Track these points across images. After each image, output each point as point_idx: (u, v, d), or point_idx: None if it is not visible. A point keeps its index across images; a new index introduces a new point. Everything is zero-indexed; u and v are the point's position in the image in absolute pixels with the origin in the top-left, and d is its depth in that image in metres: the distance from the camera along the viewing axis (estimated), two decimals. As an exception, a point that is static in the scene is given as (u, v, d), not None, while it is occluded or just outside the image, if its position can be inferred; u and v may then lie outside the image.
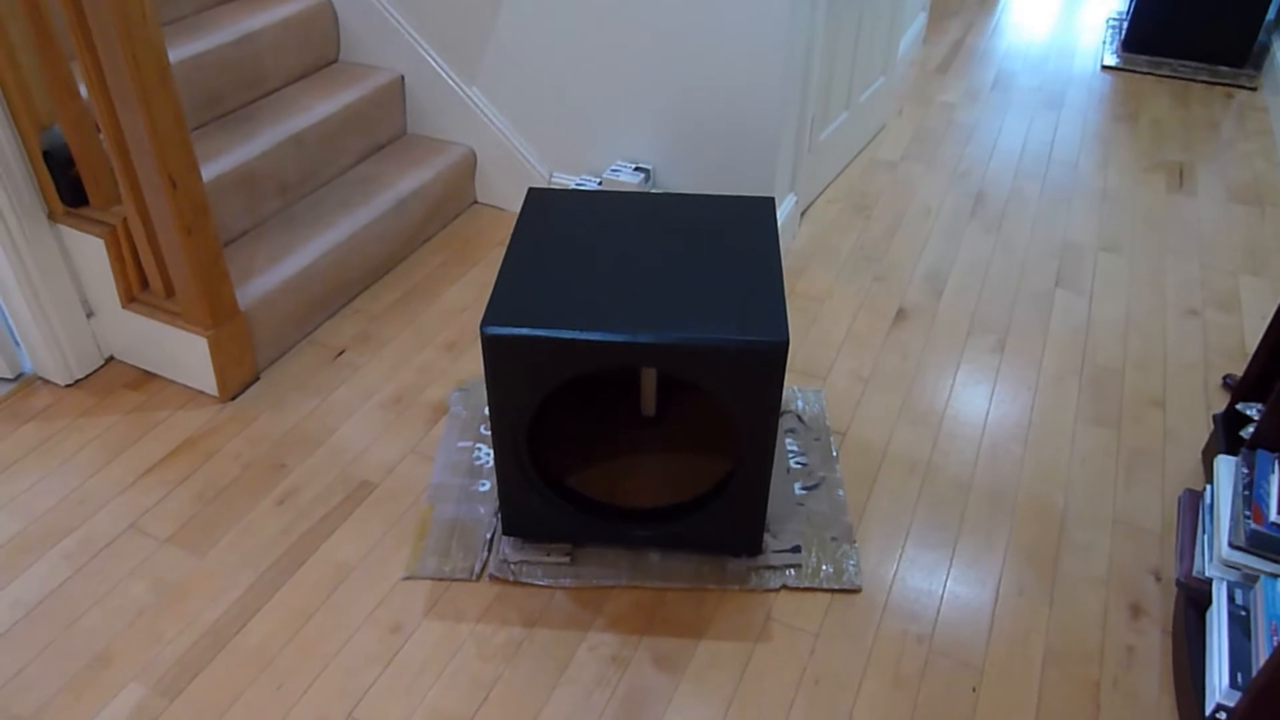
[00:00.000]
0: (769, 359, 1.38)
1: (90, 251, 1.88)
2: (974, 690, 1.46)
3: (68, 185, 1.82)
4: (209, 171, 2.07)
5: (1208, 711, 1.32)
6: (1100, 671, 1.49)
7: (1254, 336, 2.21)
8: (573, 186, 2.48)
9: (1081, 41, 3.88)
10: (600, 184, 2.44)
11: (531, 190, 1.72)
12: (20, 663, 1.48)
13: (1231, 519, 1.49)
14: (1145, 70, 3.59)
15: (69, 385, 2.00)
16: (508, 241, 1.58)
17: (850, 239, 2.54)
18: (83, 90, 1.87)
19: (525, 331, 1.38)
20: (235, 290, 1.98)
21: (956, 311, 2.27)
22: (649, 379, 1.75)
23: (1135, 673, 1.49)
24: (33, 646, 1.50)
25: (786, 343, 1.36)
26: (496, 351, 1.40)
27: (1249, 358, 2.06)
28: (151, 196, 1.71)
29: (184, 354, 1.93)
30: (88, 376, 2.02)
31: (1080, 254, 2.50)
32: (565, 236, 1.59)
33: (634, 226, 1.62)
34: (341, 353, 2.12)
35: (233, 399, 1.98)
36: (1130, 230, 2.60)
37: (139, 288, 1.93)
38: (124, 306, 1.93)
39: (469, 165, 2.58)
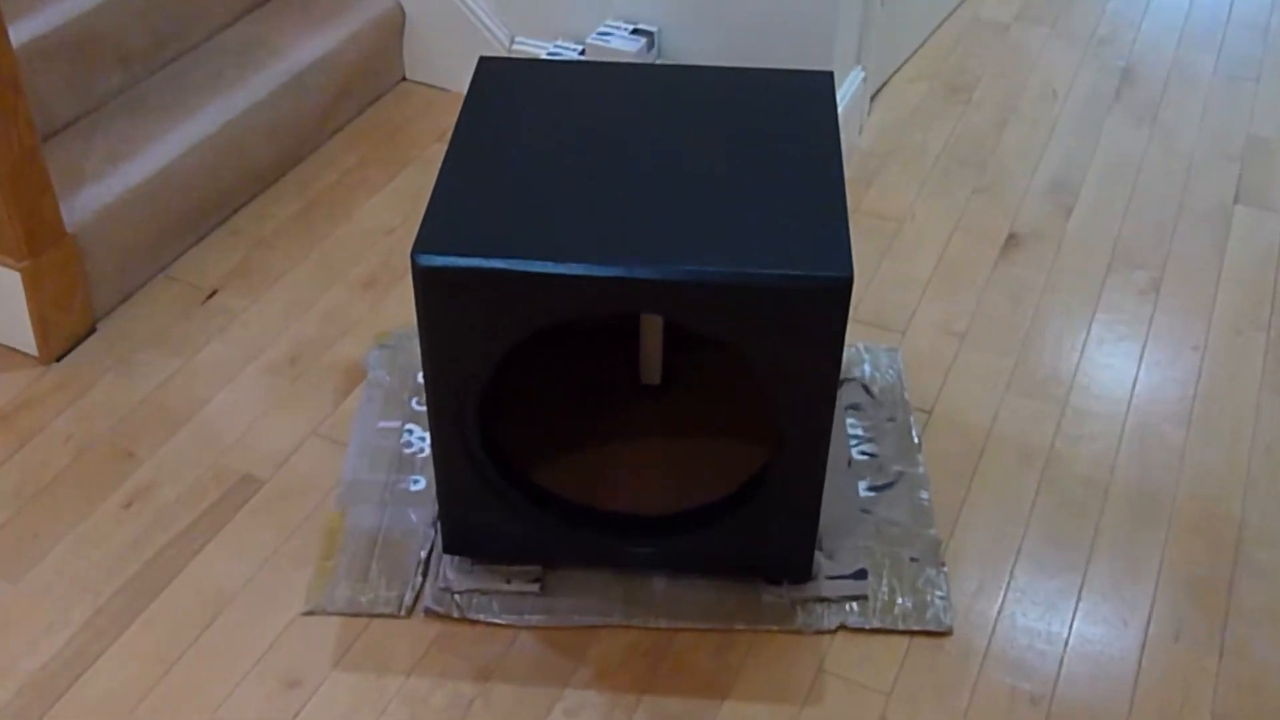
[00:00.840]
0: (825, 303, 1.37)
1: None
2: (1110, 772, 1.47)
3: None
4: (19, 34, 2.04)
5: None
6: (1288, 747, 1.50)
7: None
8: (544, 57, 2.45)
9: None
10: (583, 53, 2.41)
11: (484, 61, 1.70)
12: None
13: None
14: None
15: None
16: (450, 134, 1.56)
17: (941, 133, 2.52)
18: None
19: (476, 263, 1.37)
20: (61, 205, 1.96)
21: (1093, 237, 2.26)
22: (652, 333, 1.75)
23: (1337, 748, 1.50)
24: None
25: (850, 280, 1.36)
26: (435, 291, 1.39)
27: None
28: (-62, 67, 1.70)
29: (-11, 295, 1.93)
30: None
31: (1272, 155, 2.48)
32: (532, 127, 1.57)
33: (631, 114, 1.60)
34: (213, 294, 2.12)
35: (59, 359, 1.98)
36: (1342, 122, 2.59)
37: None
38: (-99, 226, 1.92)
39: (395, 26, 2.56)
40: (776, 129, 1.58)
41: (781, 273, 1.36)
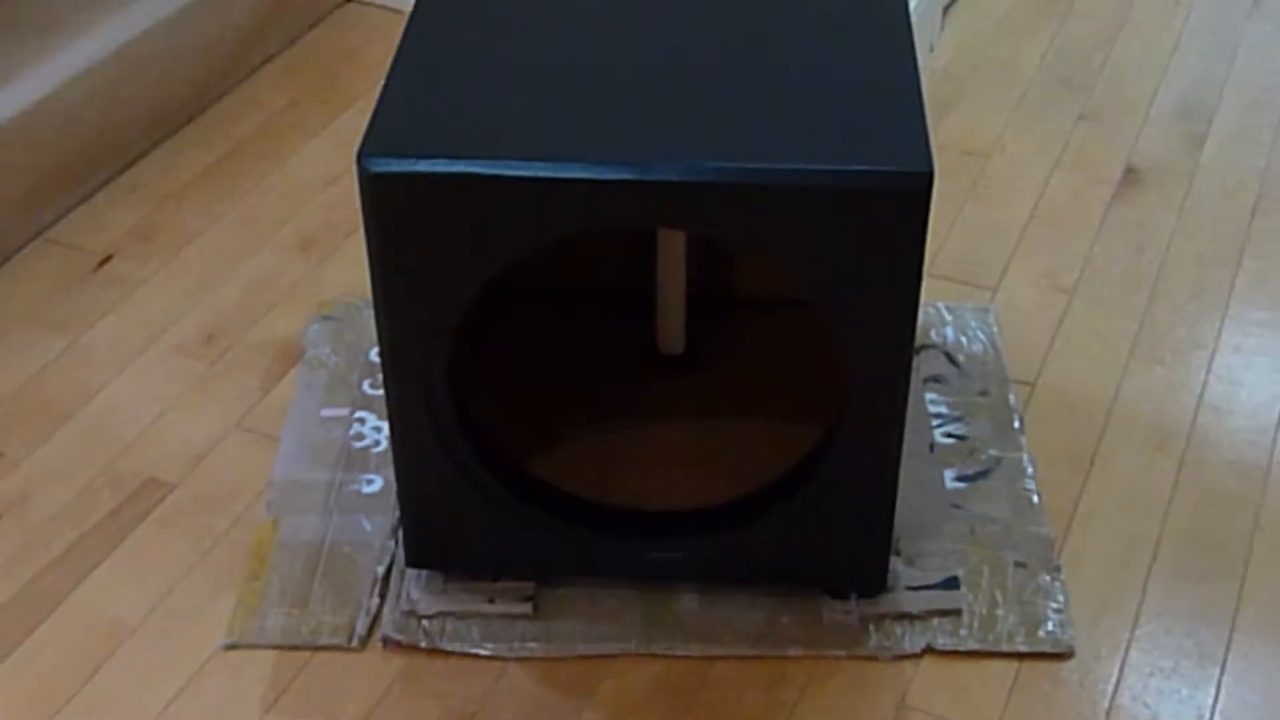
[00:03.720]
0: (900, 208, 1.32)
1: None
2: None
3: None
4: None
5: None
6: None
7: None
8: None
9: None
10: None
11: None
12: None
13: None
14: None
15: None
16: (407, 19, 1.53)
17: (1035, 46, 2.50)
18: None
19: (442, 167, 1.32)
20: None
21: (1232, 171, 2.23)
22: (673, 291, 1.70)
23: None
24: None
25: (930, 176, 1.31)
26: (390, 206, 1.35)
27: None
28: None
29: None
30: None
31: None
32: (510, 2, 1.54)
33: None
34: (108, 260, 2.09)
35: (-90, 342, 1.95)
36: None
37: None
38: None
39: (335, -72, 2.54)
40: (827, 7, 1.54)
41: (842, 168, 1.31)
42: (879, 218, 1.33)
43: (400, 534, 1.64)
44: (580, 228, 1.35)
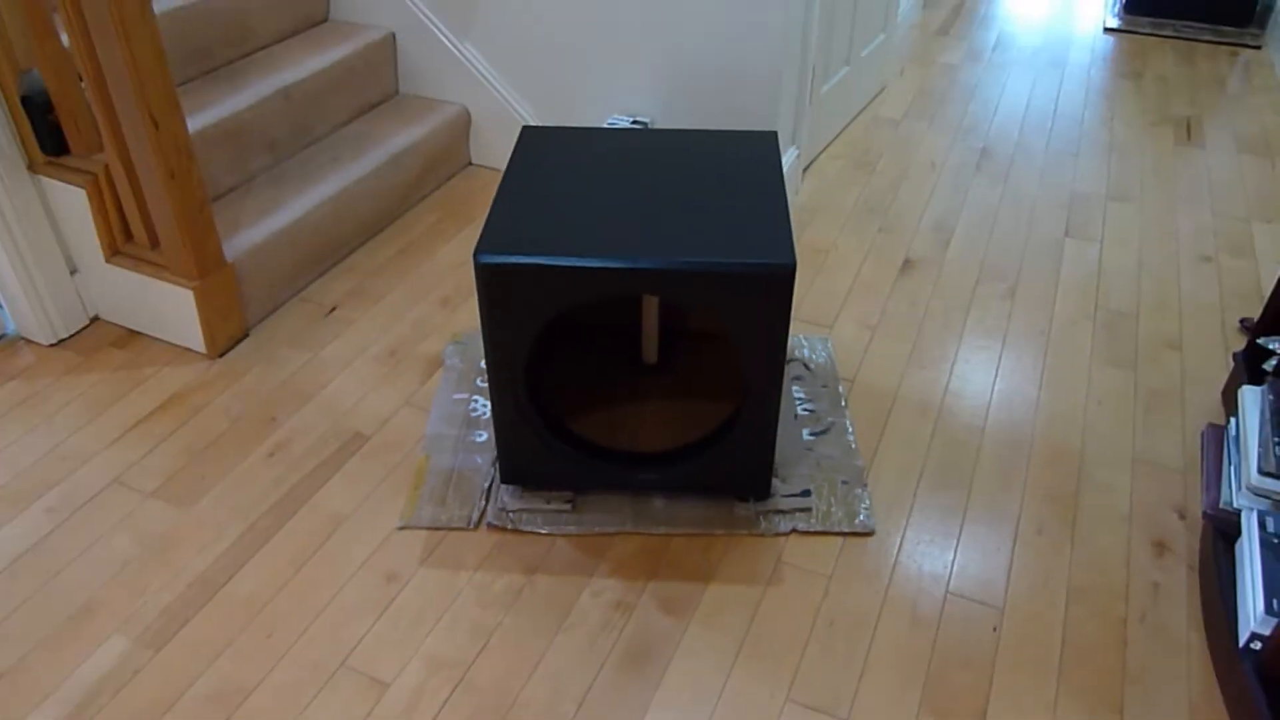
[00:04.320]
0: (776, 283, 1.31)
1: (72, 203, 1.81)
2: (995, 630, 1.39)
3: (47, 132, 1.75)
4: (195, 124, 2.00)
5: (1241, 641, 1.25)
6: (1126, 608, 1.42)
7: (1270, 281, 2.14)
8: (569, 142, 2.41)
9: (1082, 4, 3.80)
10: (597, 138, 2.36)
11: (526, 129, 1.65)
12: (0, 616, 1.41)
13: (1260, 447, 1.42)
14: (1148, 31, 3.52)
15: (53, 345, 1.93)
16: (502, 176, 1.51)
17: (854, 193, 2.47)
18: (62, 34, 1.79)
19: (521, 259, 1.31)
20: (223, 243, 1.91)
21: (965, 260, 2.20)
22: (651, 322, 1.68)
23: (1162, 608, 1.42)
24: (12, 600, 1.43)
25: (793, 265, 1.29)
26: (492, 281, 1.33)
27: (1265, 299, 1.99)
28: (133, 138, 1.64)
29: (170, 308, 1.86)
30: (72, 336, 1.95)
31: (1089, 204, 2.43)
32: (562, 169, 1.52)
33: (633, 159, 1.55)
34: (334, 309, 2.05)
35: (221, 355, 1.91)
36: (1139, 181, 2.53)
37: (123, 239, 1.86)
38: (108, 260, 1.86)
39: (463, 123, 2.51)
40: (738, 167, 1.52)
41: (744, 261, 1.30)
42: (767, 288, 1.32)
43: (497, 464, 1.62)
44: (596, 294, 1.33)
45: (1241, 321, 2.00)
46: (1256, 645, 1.23)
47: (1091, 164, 2.61)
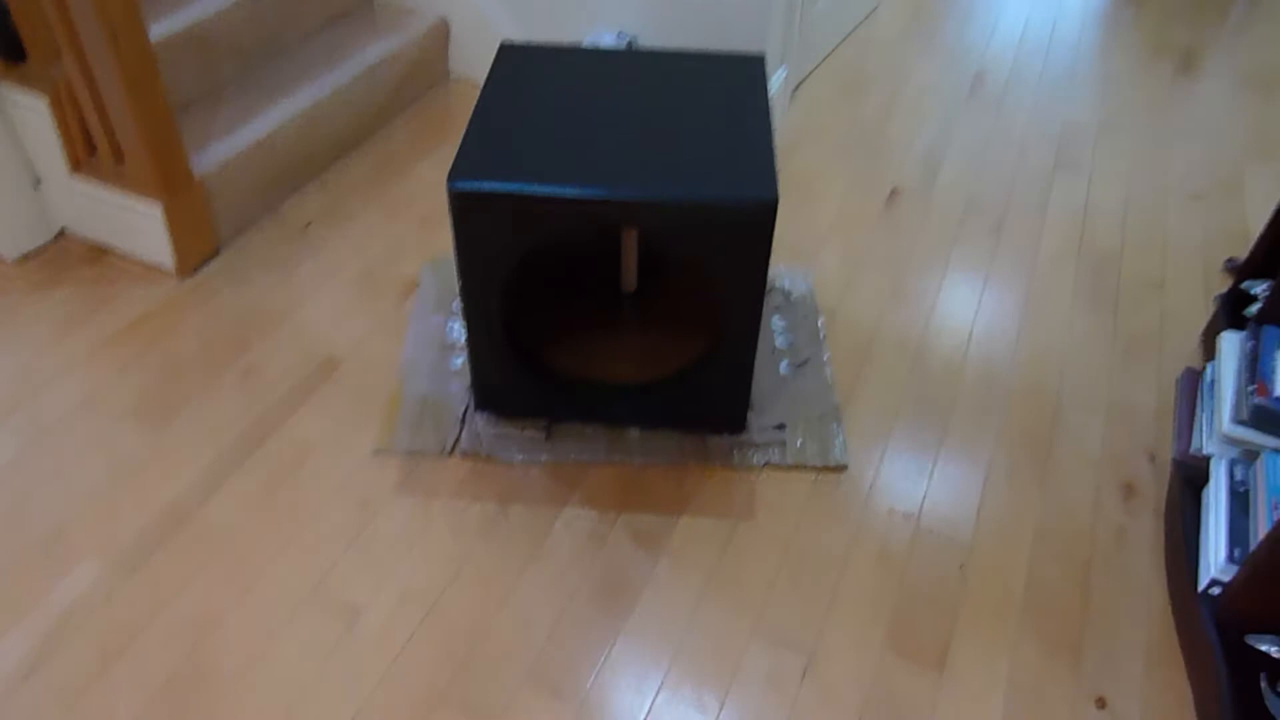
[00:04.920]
0: (757, 219, 1.28)
1: (33, 113, 1.74)
2: (961, 568, 1.41)
3: (3, 38, 1.67)
4: (157, 31, 1.92)
5: (1200, 587, 1.28)
6: (1091, 551, 1.44)
7: (1259, 222, 2.13)
8: (552, 57, 2.33)
9: (1088, -79, 3.68)
10: (581, 54, 2.29)
11: (504, 46, 1.59)
12: (-32, 537, 1.41)
13: (1235, 395, 1.43)
14: (1154, -48, 3.41)
15: (17, 260, 1.88)
16: (478, 97, 1.46)
17: (842, 119, 2.41)
18: (14, -69, 1.70)
19: (496, 186, 1.28)
20: (191, 158, 1.85)
21: (952, 192, 2.17)
22: (630, 250, 1.66)
23: (1126, 552, 1.44)
24: (-19, 521, 1.43)
25: (775, 201, 1.27)
26: (465, 209, 1.30)
27: (1253, 241, 1.98)
28: (91, 46, 1.57)
29: (138, 225, 1.82)
30: (38, 250, 1.91)
31: (1081, 135, 2.38)
32: (540, 91, 1.47)
33: (615, 83, 1.50)
34: (307, 226, 2.01)
35: (192, 274, 1.88)
36: (1133, 113, 2.49)
37: (86, 152, 1.80)
38: (72, 173, 1.80)
39: (441, 34, 2.42)
40: (723, 94, 1.48)
41: (725, 195, 1.27)
42: (747, 224, 1.29)
43: (471, 391, 1.60)
44: (573, 226, 1.31)
45: (1227, 262, 2.00)
46: (1215, 591, 1.26)
47: (1086, 93, 2.56)
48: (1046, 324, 1.83)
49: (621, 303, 1.72)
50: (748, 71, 1.54)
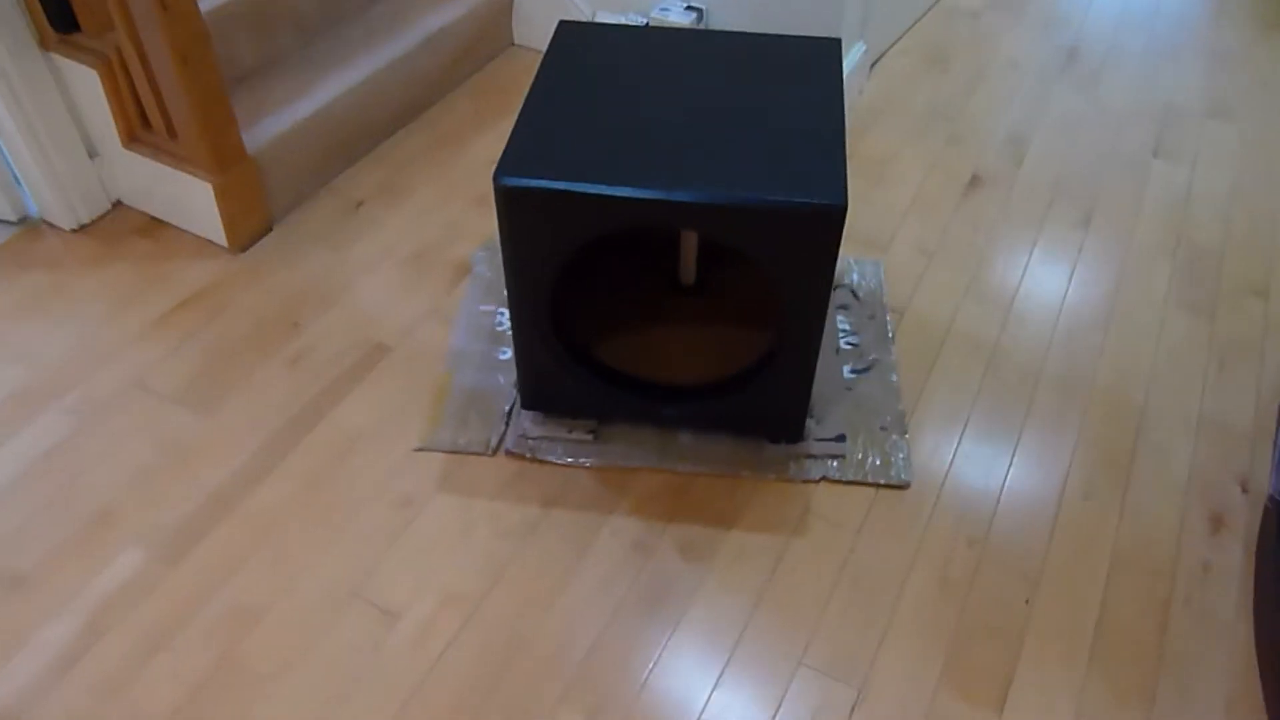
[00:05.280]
0: (824, 225, 1.20)
1: (87, 84, 1.73)
2: (1027, 603, 1.33)
3: (56, 8, 1.65)
4: (210, 1, 1.88)
5: (1295, 640, 1.18)
6: (1171, 588, 1.35)
7: (1378, 219, 1.95)
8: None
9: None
10: (647, 24, 2.19)
11: (563, 24, 1.51)
12: (19, 519, 1.42)
13: (1344, 428, 1.31)
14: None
15: (75, 230, 1.88)
16: (532, 81, 1.39)
17: (923, 95, 2.28)
18: (70, -102, 1.67)
19: (546, 184, 1.21)
20: (245, 133, 1.82)
21: (1039, 179, 2.04)
22: (689, 242, 1.58)
23: (1210, 591, 1.34)
24: (32, 503, 1.44)
25: (845, 207, 1.18)
26: (513, 206, 1.24)
27: (1373, 243, 1.82)
28: (142, 18, 1.54)
29: (191, 200, 1.80)
30: (95, 221, 1.91)
31: (1184, 119, 2.22)
32: (598, 77, 1.39)
33: (678, 68, 1.41)
34: (361, 204, 1.97)
35: (244, 250, 1.86)
36: (1245, 95, 2.30)
37: (140, 125, 1.78)
38: (125, 146, 1.79)
39: (505, 3, 2.34)
40: (794, 84, 1.38)
41: (791, 199, 1.18)
42: (812, 230, 1.21)
43: (518, 388, 1.56)
44: (624, 226, 1.23)
45: (1339, 266, 1.84)
46: (1311, 646, 1.16)
47: (1192, 72, 2.37)
48: (1136, 329, 1.71)
49: (678, 297, 1.64)
50: (822, 57, 1.44)
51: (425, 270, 1.83)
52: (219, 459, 1.50)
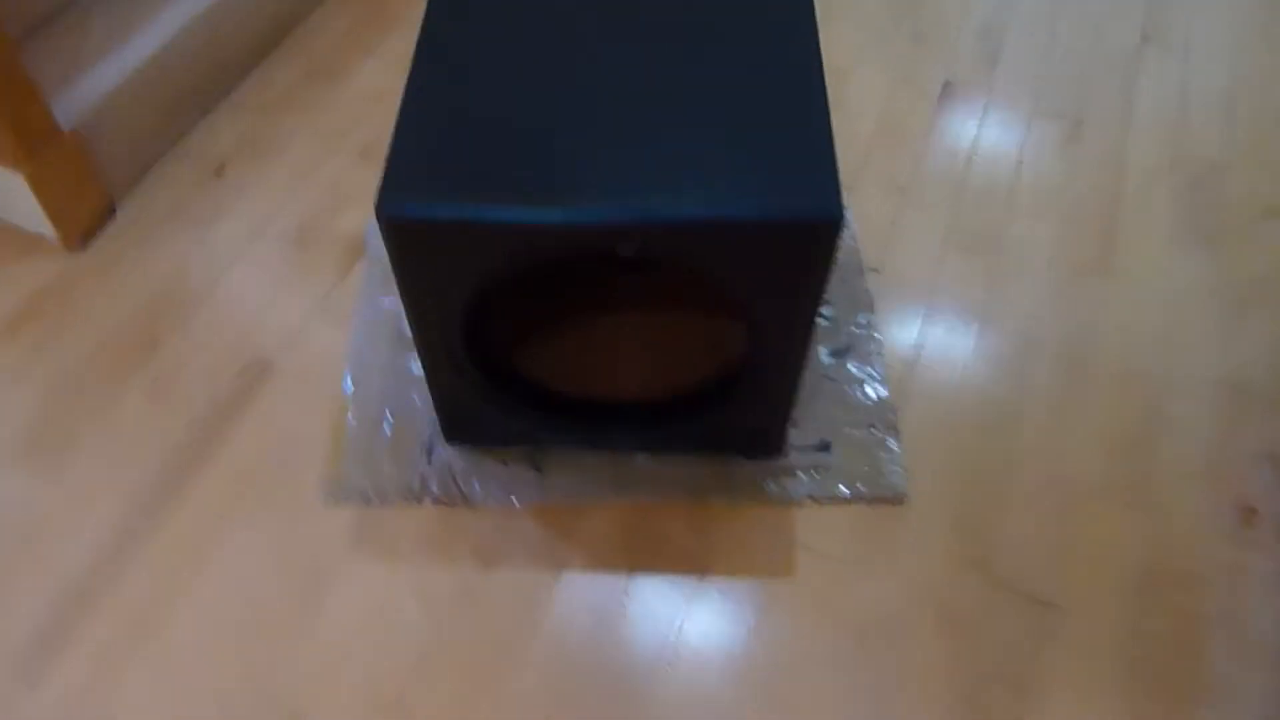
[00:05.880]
0: (813, 242, 0.93)
1: None
2: (1048, 631, 1.16)
3: None
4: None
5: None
6: (1201, 599, 1.19)
7: (1393, 111, 1.74)
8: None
9: None
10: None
11: (447, -47, 1.16)
12: None
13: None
14: None
15: None
16: (414, 43, 1.06)
17: (880, -20, 1.95)
18: None
19: (446, 214, 0.91)
20: (56, 101, 1.44)
21: (1017, 82, 1.77)
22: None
23: (1243, 599, 1.19)
24: None
25: (839, 219, 0.91)
26: (404, 240, 0.95)
27: (1395, 148, 1.61)
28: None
29: (4, 193, 1.43)
30: (-115, 215, 1.53)
31: (1174, -5, 1.94)
32: (500, 42, 1.06)
33: (603, 20, 1.09)
34: (223, 168, 1.62)
35: (84, 244, 1.51)
36: (1237, -43, 2.02)
37: (-85, 101, 1.39)
38: (-98, 127, 1.40)
39: (374, -116, 1.92)
40: (751, 31, 1.07)
41: (765, 211, 0.91)
42: (798, 248, 0.94)
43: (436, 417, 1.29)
44: (553, 255, 0.96)
45: (1355, 174, 1.63)
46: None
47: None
48: (1138, 273, 1.50)
49: (617, 276, 1.37)
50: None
51: (308, 252, 1.51)
52: (72, 537, 1.22)
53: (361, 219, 1.55)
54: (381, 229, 0.93)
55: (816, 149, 0.95)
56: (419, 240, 0.94)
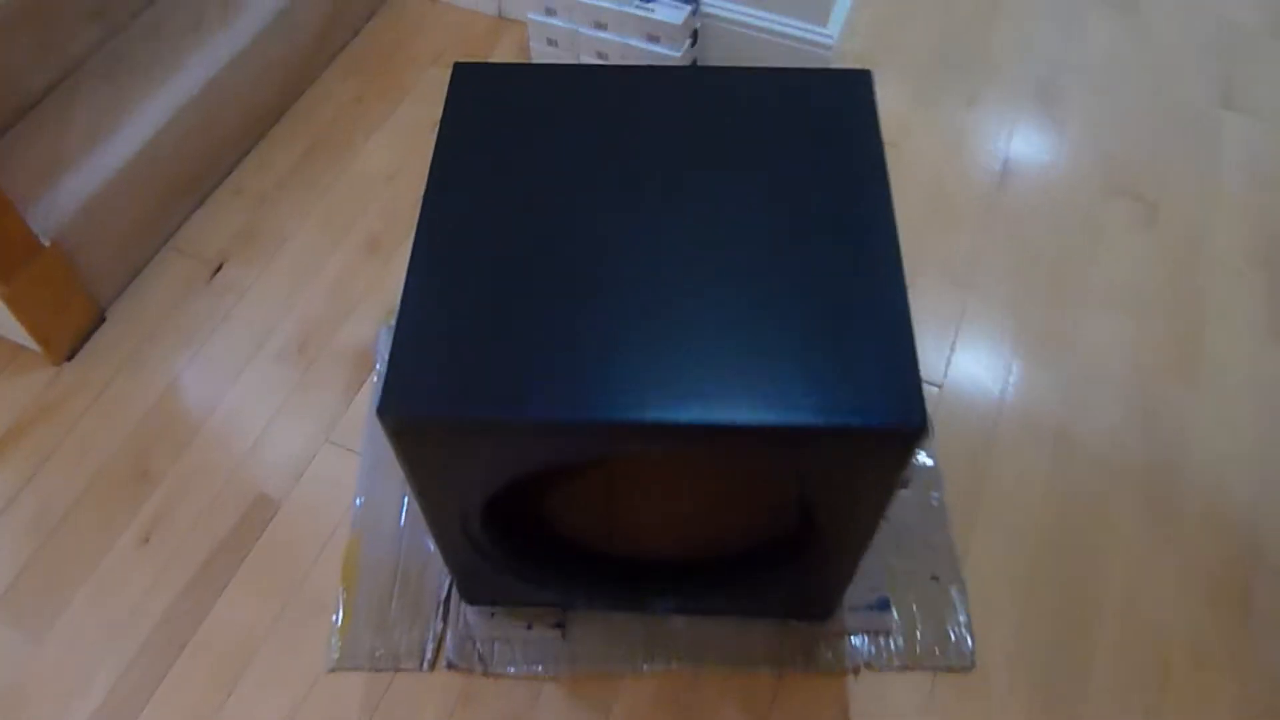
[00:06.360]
0: (892, 450, 0.80)
1: None
2: (1142, 836, 1.03)
3: None
4: (-39, 7, 1.33)
5: None
6: (1317, 792, 1.06)
7: None
8: (540, 19, 1.70)
9: None
10: (603, 62, 1.66)
11: (459, 68, 1.03)
12: None
13: None
14: None
15: None
16: (418, 216, 0.92)
17: (926, 30, 1.80)
18: None
19: (455, 415, 0.79)
20: (34, 210, 1.32)
21: (1081, 153, 1.61)
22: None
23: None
24: None
25: (922, 427, 0.78)
26: (410, 442, 0.82)
27: None
28: None
29: (-21, 308, 1.32)
30: None
31: (1253, 46, 1.78)
32: (522, 185, 0.93)
33: (639, 158, 0.95)
34: (220, 267, 1.50)
35: (69, 358, 1.40)
36: (1319, 0, 1.86)
37: (-119, 218, 1.28)
38: None
39: (379, -61, 1.78)
40: (814, 172, 0.94)
41: (837, 418, 0.78)
42: (870, 459, 0.81)
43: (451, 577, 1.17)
44: (580, 457, 0.83)
45: None
46: None
47: (1251, -31, 1.91)
48: (1227, 383, 1.35)
49: (664, 468, 1.24)
50: (849, 110, 0.98)
51: (312, 368, 1.39)
52: (60, 705, 1.11)
53: (368, 326, 1.43)
54: (387, 433, 0.81)
55: (894, 335, 0.82)
56: (426, 442, 0.82)
